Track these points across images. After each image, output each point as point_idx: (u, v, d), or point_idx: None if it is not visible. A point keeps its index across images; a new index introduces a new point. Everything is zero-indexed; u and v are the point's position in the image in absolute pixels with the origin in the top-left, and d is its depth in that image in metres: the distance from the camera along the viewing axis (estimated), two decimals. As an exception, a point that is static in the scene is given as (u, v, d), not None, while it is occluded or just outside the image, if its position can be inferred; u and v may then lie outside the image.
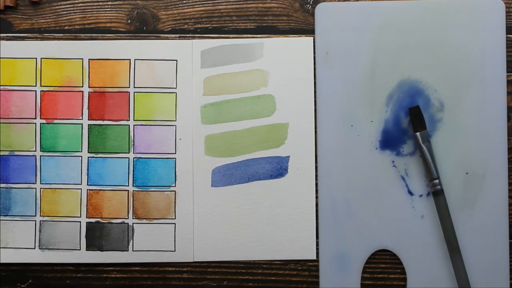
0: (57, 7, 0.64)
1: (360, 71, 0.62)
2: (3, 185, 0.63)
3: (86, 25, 0.64)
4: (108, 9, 0.64)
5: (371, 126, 0.62)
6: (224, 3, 0.64)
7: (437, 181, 0.60)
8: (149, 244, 0.63)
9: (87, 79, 0.63)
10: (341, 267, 0.62)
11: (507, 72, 0.62)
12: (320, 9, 0.63)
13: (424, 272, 0.62)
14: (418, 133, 0.60)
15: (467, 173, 0.62)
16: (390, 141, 0.62)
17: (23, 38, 0.64)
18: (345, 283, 0.62)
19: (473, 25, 0.62)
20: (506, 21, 0.62)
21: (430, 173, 0.60)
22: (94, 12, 0.64)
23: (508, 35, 0.62)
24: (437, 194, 0.60)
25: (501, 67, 0.62)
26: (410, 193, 0.62)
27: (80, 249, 0.63)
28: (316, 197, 0.62)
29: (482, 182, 0.61)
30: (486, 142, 0.62)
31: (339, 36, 0.62)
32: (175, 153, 0.63)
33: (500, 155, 0.62)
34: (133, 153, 0.63)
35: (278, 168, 0.63)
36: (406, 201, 0.62)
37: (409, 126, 0.62)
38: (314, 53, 0.63)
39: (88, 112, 0.63)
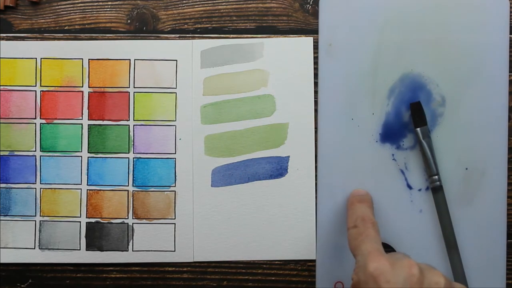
0: (57, 7, 0.64)
1: (363, 64, 0.62)
2: (3, 185, 0.63)
3: (86, 25, 0.64)
4: (108, 9, 0.64)
5: (372, 118, 0.62)
6: (224, 3, 0.64)
7: (436, 177, 0.60)
8: (149, 244, 0.63)
9: (87, 79, 0.63)
10: (338, 259, 0.62)
11: (510, 71, 0.62)
12: (324, 2, 0.63)
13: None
14: (418, 129, 0.61)
15: (466, 169, 0.62)
16: (390, 134, 0.62)
17: (23, 38, 0.64)
18: (342, 275, 0.62)
19: (477, 22, 0.62)
20: (510, 20, 0.62)
21: (430, 169, 0.60)
22: (94, 12, 0.64)
23: (511, 35, 0.62)
24: (436, 191, 0.60)
25: (503, 65, 0.62)
26: (409, 187, 0.62)
27: (80, 249, 0.63)
28: (316, 191, 0.62)
29: (481, 178, 0.61)
30: (486, 138, 0.62)
31: (343, 29, 0.62)
32: (175, 153, 0.63)
33: (500, 152, 0.62)
34: (133, 153, 0.63)
35: (278, 168, 0.63)
36: (404, 195, 0.62)
37: (410, 120, 0.62)
38: (314, 52, 0.63)
39: (88, 112, 0.63)
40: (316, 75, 0.63)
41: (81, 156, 0.63)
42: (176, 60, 0.63)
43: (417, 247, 0.62)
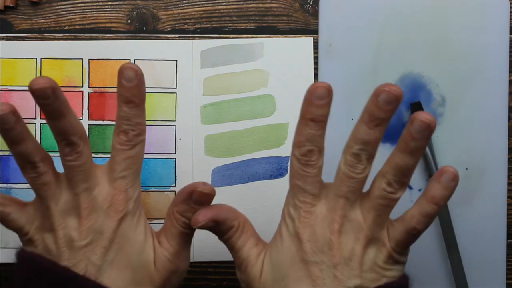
0: (57, 7, 0.64)
1: (363, 64, 0.62)
2: (3, 185, 0.63)
3: (86, 25, 0.64)
4: (108, 9, 0.64)
5: (372, 119, 0.62)
6: (224, 3, 0.64)
7: (436, 177, 0.60)
8: (149, 244, 0.63)
9: (87, 79, 0.63)
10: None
11: (510, 71, 0.62)
12: (324, 2, 0.63)
13: (421, 266, 0.62)
14: (418, 129, 0.61)
15: (466, 169, 0.62)
16: (390, 134, 0.62)
17: (23, 38, 0.64)
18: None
19: (477, 22, 0.62)
20: (510, 20, 0.62)
21: (430, 169, 0.60)
22: (94, 12, 0.64)
23: (511, 35, 0.62)
24: (436, 191, 0.61)
25: (503, 65, 0.62)
26: (409, 187, 0.62)
27: (80, 249, 0.63)
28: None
29: (481, 178, 0.61)
30: (486, 138, 0.62)
31: (343, 29, 0.62)
32: (175, 153, 0.63)
33: (500, 152, 0.62)
34: (133, 153, 0.63)
35: (278, 168, 0.63)
36: (404, 195, 0.61)
37: (410, 120, 0.62)
38: (314, 52, 0.63)
39: (88, 112, 0.63)
40: (316, 75, 0.63)
41: (81, 156, 0.63)
42: (176, 60, 0.63)
43: (417, 247, 0.62)
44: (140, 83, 0.49)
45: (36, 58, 0.63)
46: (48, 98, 0.47)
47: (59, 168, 0.50)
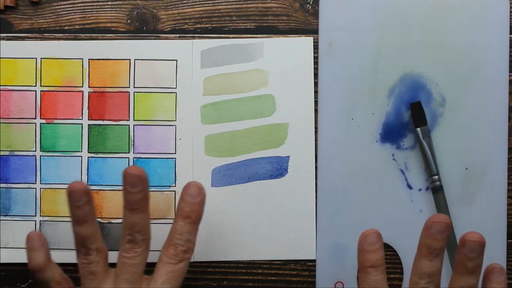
0: (57, 7, 0.64)
1: (363, 64, 0.62)
2: (3, 185, 0.63)
3: (86, 25, 0.64)
4: (108, 9, 0.64)
5: (372, 118, 0.62)
6: (224, 3, 0.64)
7: (436, 177, 0.60)
8: (149, 244, 0.63)
9: (87, 79, 0.63)
10: (338, 259, 0.62)
11: (510, 71, 0.62)
12: (324, 2, 0.63)
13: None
14: (418, 129, 0.61)
15: (466, 169, 0.62)
16: (390, 134, 0.62)
17: (23, 38, 0.64)
18: (342, 275, 0.62)
19: (477, 22, 0.62)
20: (511, 20, 0.62)
21: (430, 169, 0.60)
22: (94, 12, 0.64)
23: (511, 35, 0.62)
24: (436, 191, 0.60)
25: (503, 65, 0.62)
26: (409, 187, 0.62)
27: (80, 249, 0.63)
28: (316, 191, 0.62)
29: (481, 178, 0.61)
30: (486, 138, 0.62)
31: (343, 29, 0.62)
32: (175, 153, 0.63)
33: (500, 152, 0.62)
34: (133, 153, 0.63)
35: (278, 168, 0.63)
36: (405, 195, 0.62)
37: (410, 120, 0.62)
38: (315, 52, 0.63)
39: (88, 112, 0.63)
40: (316, 75, 0.63)
41: (81, 156, 0.63)
42: (176, 60, 0.63)
43: (417, 247, 0.62)
44: (202, 202, 0.54)
45: (36, 58, 0.63)
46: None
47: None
